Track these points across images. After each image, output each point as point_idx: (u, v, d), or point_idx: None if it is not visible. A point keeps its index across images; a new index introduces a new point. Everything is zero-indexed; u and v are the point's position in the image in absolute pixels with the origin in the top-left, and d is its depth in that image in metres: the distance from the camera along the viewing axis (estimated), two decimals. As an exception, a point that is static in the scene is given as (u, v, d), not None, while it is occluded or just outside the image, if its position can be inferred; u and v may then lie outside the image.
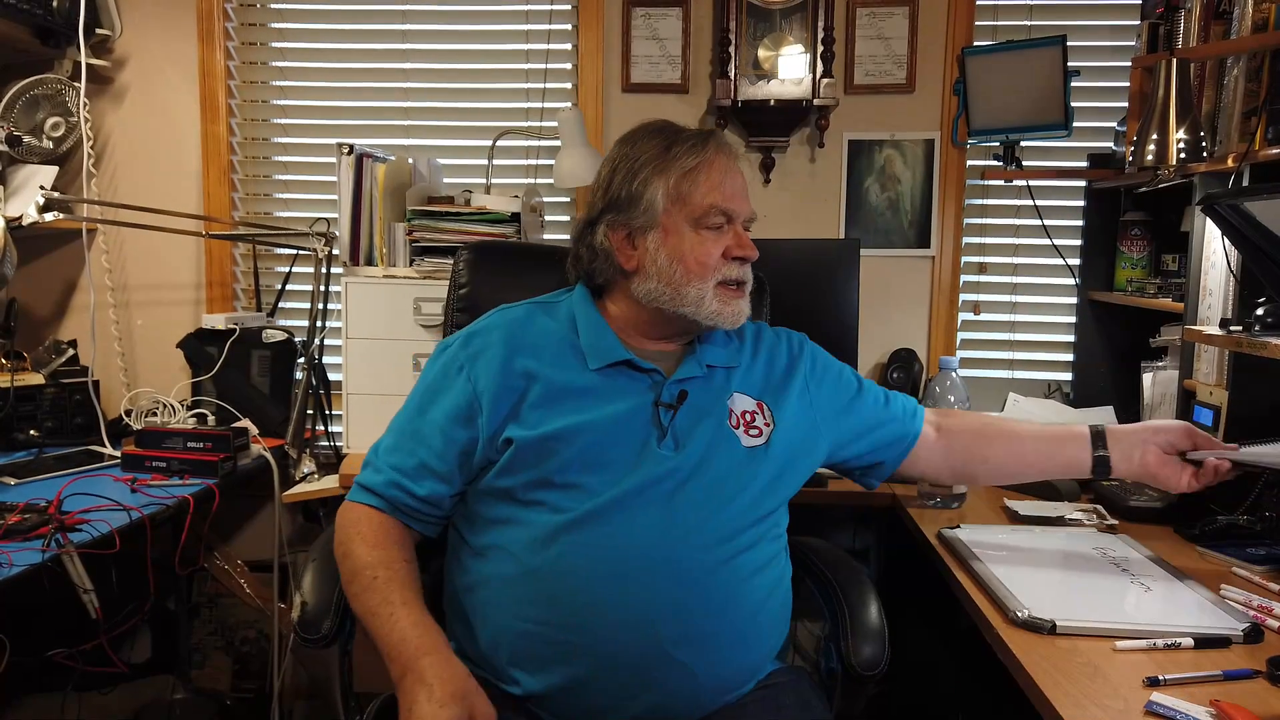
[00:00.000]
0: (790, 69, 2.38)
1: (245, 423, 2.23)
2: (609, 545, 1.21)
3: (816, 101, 2.37)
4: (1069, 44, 2.18)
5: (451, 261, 1.78)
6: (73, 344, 2.39)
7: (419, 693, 1.10)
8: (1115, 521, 1.66)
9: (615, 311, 1.38)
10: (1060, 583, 1.43)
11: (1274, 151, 1.59)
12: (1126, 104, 2.17)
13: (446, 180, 2.46)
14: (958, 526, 1.61)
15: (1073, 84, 2.21)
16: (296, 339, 2.43)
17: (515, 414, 1.28)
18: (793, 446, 1.36)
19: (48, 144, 2.37)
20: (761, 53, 2.39)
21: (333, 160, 2.24)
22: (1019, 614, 1.23)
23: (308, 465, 2.26)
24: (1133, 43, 2.27)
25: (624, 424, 1.28)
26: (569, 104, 2.48)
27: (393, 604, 1.19)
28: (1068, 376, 2.49)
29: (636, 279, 1.33)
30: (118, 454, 2.09)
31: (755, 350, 1.44)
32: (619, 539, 1.21)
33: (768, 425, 1.36)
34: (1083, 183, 2.41)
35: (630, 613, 1.19)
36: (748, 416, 1.35)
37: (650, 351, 1.37)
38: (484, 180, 2.39)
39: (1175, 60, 1.79)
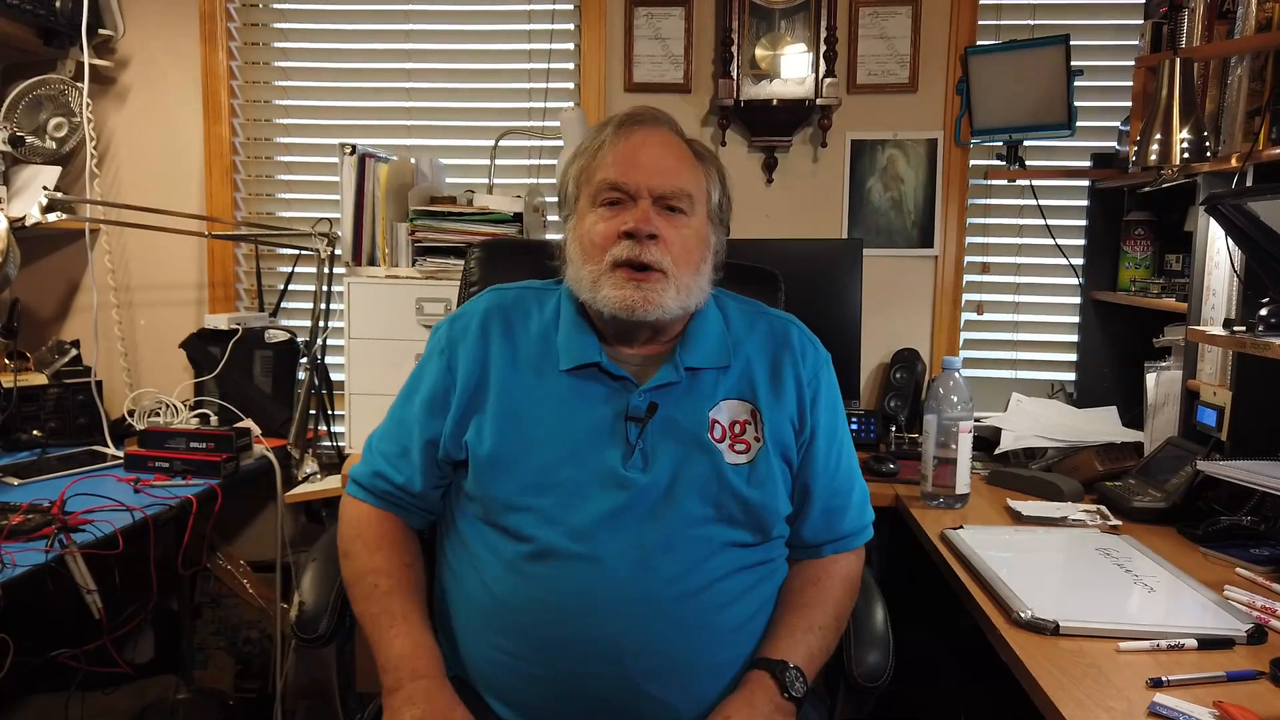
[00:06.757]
0: (793, 68, 2.37)
1: (248, 423, 2.24)
2: (574, 578, 1.13)
3: (819, 101, 2.37)
4: (1072, 43, 2.17)
5: (453, 261, 1.79)
6: (76, 344, 2.40)
7: (405, 714, 1.09)
8: (1118, 522, 1.66)
9: (592, 313, 1.27)
10: (1063, 583, 1.43)
11: (1278, 151, 1.59)
12: (1130, 103, 2.16)
13: (449, 180, 2.46)
14: (961, 527, 1.61)
15: (1076, 83, 2.20)
16: (299, 339, 2.43)
17: (481, 409, 1.21)
18: (781, 466, 1.24)
19: (51, 144, 2.37)
20: (764, 52, 2.39)
21: (335, 160, 2.24)
22: (1022, 614, 1.22)
23: (310, 465, 2.26)
24: (1136, 42, 2.27)
25: (586, 441, 1.18)
26: (571, 104, 2.48)
27: (393, 615, 1.17)
28: (1071, 377, 2.48)
29: (566, 271, 1.27)
30: (121, 454, 2.09)
31: (763, 348, 1.29)
32: (585, 571, 1.13)
33: (757, 440, 1.22)
34: (1086, 182, 2.40)
35: (597, 648, 1.12)
36: (736, 428, 1.22)
37: (628, 355, 1.26)
38: (486, 180, 2.39)
39: (1179, 60, 1.78)
